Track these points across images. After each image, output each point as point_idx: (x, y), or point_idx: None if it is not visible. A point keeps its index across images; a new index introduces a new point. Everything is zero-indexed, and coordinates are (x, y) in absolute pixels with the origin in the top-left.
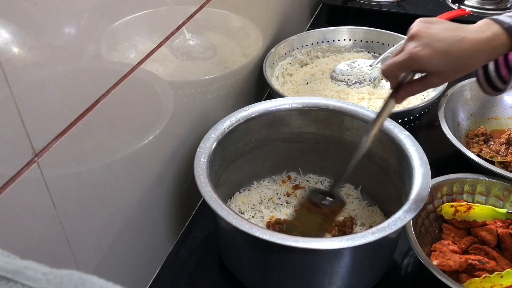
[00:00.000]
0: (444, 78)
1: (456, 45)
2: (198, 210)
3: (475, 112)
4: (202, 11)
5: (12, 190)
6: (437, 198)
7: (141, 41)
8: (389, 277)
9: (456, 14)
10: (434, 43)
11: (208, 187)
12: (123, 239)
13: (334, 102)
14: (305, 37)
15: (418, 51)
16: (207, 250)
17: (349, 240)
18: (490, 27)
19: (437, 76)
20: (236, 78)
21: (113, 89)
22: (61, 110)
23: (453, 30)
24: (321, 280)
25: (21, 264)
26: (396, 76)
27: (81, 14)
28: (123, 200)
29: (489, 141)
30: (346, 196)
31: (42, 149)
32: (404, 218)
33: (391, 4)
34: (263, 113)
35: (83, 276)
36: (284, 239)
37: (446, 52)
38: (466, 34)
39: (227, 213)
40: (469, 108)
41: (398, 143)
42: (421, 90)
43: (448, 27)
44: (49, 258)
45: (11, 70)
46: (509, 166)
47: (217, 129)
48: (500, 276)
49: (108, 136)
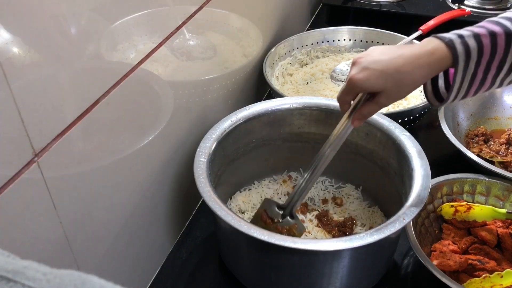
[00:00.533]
0: (389, 96)
1: (393, 63)
2: (198, 210)
3: (475, 112)
4: (202, 11)
5: (12, 190)
6: (437, 198)
7: (141, 41)
8: (389, 277)
9: (456, 14)
10: (371, 65)
11: (207, 186)
12: (123, 239)
13: (335, 102)
14: (305, 37)
15: (355, 74)
16: (207, 250)
17: (347, 241)
18: (430, 42)
19: (382, 95)
20: (236, 78)
21: (113, 89)
22: (61, 110)
23: (392, 51)
24: (320, 281)
25: (21, 264)
26: (346, 101)
27: (81, 14)
28: (123, 200)
29: (489, 141)
30: (347, 196)
31: (42, 149)
32: (403, 220)
33: (391, 4)
34: (264, 113)
35: (83, 276)
36: (282, 240)
37: (383, 71)
38: (404, 51)
39: (225, 213)
40: (469, 108)
41: (399, 144)
42: (374, 110)
43: (387, 50)
44: (49, 258)
45: (11, 70)
46: (509, 166)
47: (218, 128)
48: (500, 276)
49: (108, 136)
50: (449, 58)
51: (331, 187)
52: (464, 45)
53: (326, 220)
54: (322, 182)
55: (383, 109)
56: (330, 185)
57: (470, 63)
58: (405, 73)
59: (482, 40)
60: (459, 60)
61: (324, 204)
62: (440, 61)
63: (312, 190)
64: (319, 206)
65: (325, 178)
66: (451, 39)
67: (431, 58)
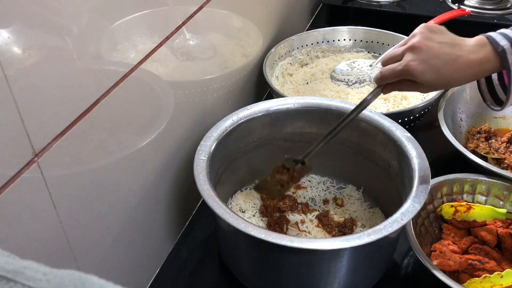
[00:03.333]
0: (432, 89)
1: (449, 64)
2: (198, 210)
3: (477, 111)
4: (202, 11)
5: (12, 190)
6: (437, 198)
7: (141, 41)
8: (389, 277)
9: (456, 14)
10: (430, 60)
11: (206, 185)
12: (123, 239)
13: (336, 102)
14: (305, 37)
15: (415, 65)
16: (207, 250)
17: (344, 241)
18: (484, 48)
19: (426, 87)
20: (236, 78)
21: (113, 89)
22: (61, 110)
23: (450, 46)
24: (319, 280)
25: (21, 264)
26: (389, 80)
27: (81, 14)
28: (123, 200)
29: (491, 139)
30: (348, 197)
31: (42, 149)
32: (401, 220)
33: (391, 4)
34: (265, 113)
35: (83, 276)
36: (278, 238)
37: (440, 70)
38: (461, 53)
39: (224, 211)
40: (469, 108)
41: (400, 145)
42: (409, 90)
43: (447, 42)
44: (49, 258)
45: (11, 70)
46: (502, 163)
47: (218, 127)
48: (500, 276)
49: (108, 136)
50: (500, 66)
51: (333, 188)
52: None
53: (326, 220)
54: (323, 183)
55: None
56: (331, 186)
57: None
58: (457, 77)
59: None
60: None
61: (325, 204)
62: (490, 70)
63: (314, 190)
64: (320, 207)
65: (326, 179)
66: (503, 48)
67: (482, 67)
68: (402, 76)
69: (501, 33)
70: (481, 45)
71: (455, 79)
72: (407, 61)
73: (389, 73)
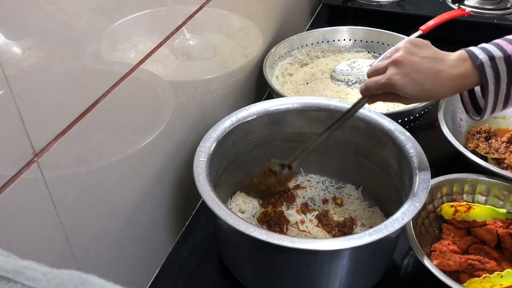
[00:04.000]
0: (415, 101)
1: (431, 78)
2: (198, 210)
3: None
4: (202, 11)
5: (12, 190)
6: (437, 198)
7: (141, 41)
8: (389, 277)
9: (456, 14)
10: (411, 73)
11: (206, 186)
12: (123, 239)
13: (335, 102)
14: (305, 37)
15: (397, 79)
16: (207, 250)
17: (345, 241)
18: (464, 62)
19: (409, 99)
20: (236, 78)
21: (113, 89)
22: (61, 110)
23: (432, 61)
24: (319, 281)
25: (21, 264)
26: (376, 92)
27: (81, 14)
28: (123, 200)
29: (491, 139)
30: (347, 196)
31: (42, 149)
32: (402, 220)
33: (391, 4)
34: (264, 113)
35: (83, 276)
36: (279, 239)
37: (421, 83)
38: (442, 68)
39: (224, 213)
40: None
41: (399, 145)
42: (392, 101)
43: (429, 56)
44: (49, 258)
45: (11, 70)
46: (502, 163)
47: (218, 128)
48: (500, 276)
49: (108, 136)
50: (479, 80)
51: (332, 187)
52: (494, 69)
53: (326, 220)
54: (322, 182)
55: (383, 109)
56: (330, 185)
57: (501, 84)
58: (438, 93)
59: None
60: (489, 84)
61: (324, 204)
62: (469, 84)
63: (313, 190)
64: (319, 206)
65: (325, 178)
66: (482, 62)
67: (462, 81)
68: (385, 88)
69: (481, 47)
70: (462, 59)
71: (437, 93)
72: (390, 75)
73: (373, 85)
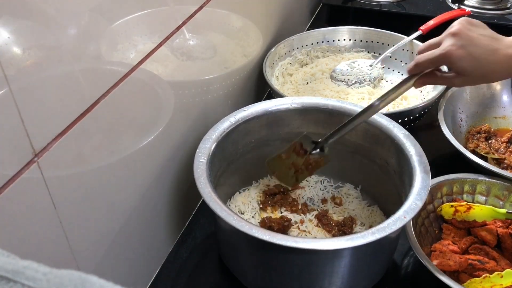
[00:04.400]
0: (467, 81)
1: (488, 54)
2: (198, 210)
3: (477, 111)
4: (202, 11)
5: (12, 190)
6: (437, 198)
7: (141, 41)
8: (389, 277)
9: (456, 14)
10: (469, 47)
11: (207, 188)
12: (123, 239)
13: (334, 102)
14: (305, 37)
15: (454, 50)
16: (207, 250)
17: (348, 240)
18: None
19: (461, 78)
20: (236, 78)
21: (113, 89)
22: (61, 110)
23: (490, 39)
24: (321, 280)
25: (21, 264)
26: (426, 67)
27: (81, 14)
28: (123, 200)
29: (491, 139)
30: (346, 196)
31: (42, 149)
32: (404, 218)
33: (391, 4)
34: (262, 113)
35: (83, 276)
36: (283, 239)
37: (478, 58)
38: (499, 47)
39: (226, 214)
40: (469, 108)
41: (398, 143)
42: (441, 84)
43: (486, 35)
44: (49, 258)
45: (11, 70)
46: (502, 163)
47: (217, 129)
48: (500, 276)
49: (108, 136)
50: None
51: (330, 187)
52: None
53: (325, 219)
54: (321, 182)
55: (383, 109)
56: (329, 185)
57: None
58: (493, 71)
59: None
60: None
61: (323, 203)
62: None
63: (312, 190)
64: (319, 206)
65: (324, 178)
66: None
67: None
68: (439, 62)
69: None
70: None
71: (492, 71)
72: (446, 46)
73: (425, 59)
